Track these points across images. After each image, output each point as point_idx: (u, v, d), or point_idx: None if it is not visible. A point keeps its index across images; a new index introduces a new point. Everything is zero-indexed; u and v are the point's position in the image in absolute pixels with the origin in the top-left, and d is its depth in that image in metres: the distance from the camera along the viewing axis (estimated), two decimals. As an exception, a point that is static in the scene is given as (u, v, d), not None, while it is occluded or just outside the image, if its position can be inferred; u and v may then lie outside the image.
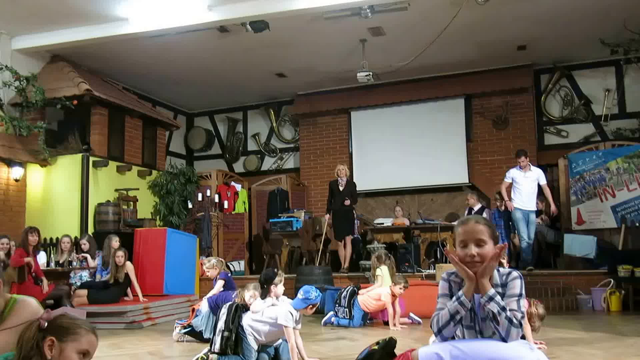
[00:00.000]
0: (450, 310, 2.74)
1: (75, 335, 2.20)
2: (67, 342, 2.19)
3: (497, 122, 13.26)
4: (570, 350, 5.66)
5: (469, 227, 2.83)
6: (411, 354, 2.76)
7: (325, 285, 9.48)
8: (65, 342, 2.19)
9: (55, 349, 2.16)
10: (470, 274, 2.74)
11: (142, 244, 10.73)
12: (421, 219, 11.83)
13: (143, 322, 8.69)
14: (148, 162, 13.14)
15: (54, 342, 2.16)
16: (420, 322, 8.00)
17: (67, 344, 2.19)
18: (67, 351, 2.19)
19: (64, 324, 2.21)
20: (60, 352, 2.17)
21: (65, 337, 2.19)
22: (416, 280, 9.62)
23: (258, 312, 5.31)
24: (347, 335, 7.15)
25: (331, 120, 14.73)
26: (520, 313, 2.67)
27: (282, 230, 12.25)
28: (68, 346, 2.19)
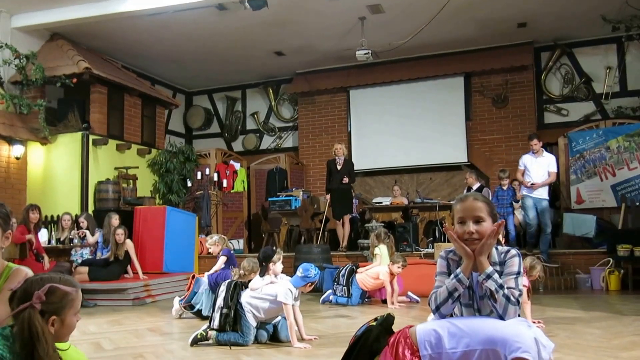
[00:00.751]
0: (448, 288, 2.73)
1: (71, 303, 2.24)
2: (67, 313, 2.22)
3: (497, 100, 13.21)
4: (569, 329, 5.68)
5: (467, 204, 2.81)
6: (409, 330, 2.75)
7: (323, 264, 9.50)
8: (65, 313, 2.22)
9: (57, 322, 2.20)
10: (469, 251, 2.73)
11: (142, 222, 10.75)
12: (420, 198, 11.83)
13: (143, 299, 8.74)
14: (147, 140, 13.11)
15: (55, 320, 2.19)
16: (419, 301, 8.03)
17: (67, 314, 2.23)
18: (68, 319, 2.23)
19: (59, 298, 2.21)
20: (62, 322, 2.21)
21: (65, 309, 2.22)
22: (414, 259, 9.64)
23: (257, 290, 5.33)
24: (346, 313, 7.18)
25: (330, 99, 14.68)
26: (518, 291, 2.66)
27: (280, 209, 12.26)
28: (67, 314, 2.23)
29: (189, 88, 16.35)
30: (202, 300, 6.94)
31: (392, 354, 2.72)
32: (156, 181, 13.12)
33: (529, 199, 9.89)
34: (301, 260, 9.12)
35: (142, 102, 12.90)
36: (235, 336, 5.17)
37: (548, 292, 9.17)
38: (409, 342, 2.70)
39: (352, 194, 11.47)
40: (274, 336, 5.35)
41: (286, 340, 5.22)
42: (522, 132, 12.87)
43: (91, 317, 7.30)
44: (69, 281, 2.28)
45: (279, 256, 5.60)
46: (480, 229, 2.75)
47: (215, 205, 13.23)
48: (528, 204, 9.90)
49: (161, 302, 8.83)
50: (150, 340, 5.63)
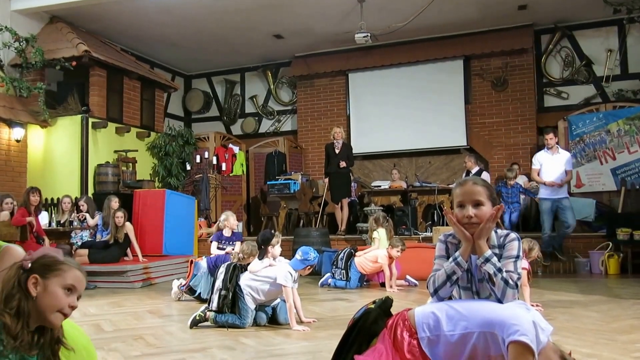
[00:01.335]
0: (447, 271, 2.73)
1: (58, 271, 2.20)
2: (50, 278, 2.17)
3: (496, 83, 13.16)
4: (567, 312, 5.70)
5: (467, 187, 2.81)
6: (407, 313, 2.76)
7: (322, 247, 9.52)
8: (49, 279, 2.17)
9: (40, 286, 2.15)
10: (467, 234, 2.73)
11: (142, 205, 10.75)
12: (418, 181, 11.83)
13: (142, 281, 8.77)
14: (146, 123, 13.09)
15: (37, 280, 2.15)
16: (417, 285, 8.05)
17: (51, 280, 2.18)
18: (52, 286, 2.17)
19: (46, 261, 2.20)
20: (45, 288, 2.16)
21: (48, 273, 2.18)
22: (413, 242, 9.65)
23: (256, 272, 5.35)
24: (344, 296, 7.20)
25: (329, 82, 14.63)
26: (516, 274, 2.67)
27: (279, 192, 12.26)
28: (52, 282, 2.18)
29: (188, 71, 16.29)
30: (201, 284, 6.96)
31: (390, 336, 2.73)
32: (155, 164, 13.11)
33: (547, 202, 9.16)
34: (300, 243, 9.13)
35: (141, 85, 12.86)
36: (233, 318, 5.19)
37: (547, 275, 9.20)
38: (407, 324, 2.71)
39: (350, 178, 11.47)
40: (273, 319, 5.36)
41: (285, 323, 5.24)
42: (521, 116, 12.85)
43: (91, 299, 7.32)
44: (69, 260, 2.27)
45: (278, 239, 5.60)
46: (479, 213, 2.74)
47: (215, 188, 13.23)
48: (545, 208, 9.21)
49: (161, 285, 8.85)
50: (150, 322, 5.65)
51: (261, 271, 5.34)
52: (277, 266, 5.37)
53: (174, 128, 13.52)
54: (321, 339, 4.68)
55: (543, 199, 9.22)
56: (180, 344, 4.60)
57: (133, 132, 12.54)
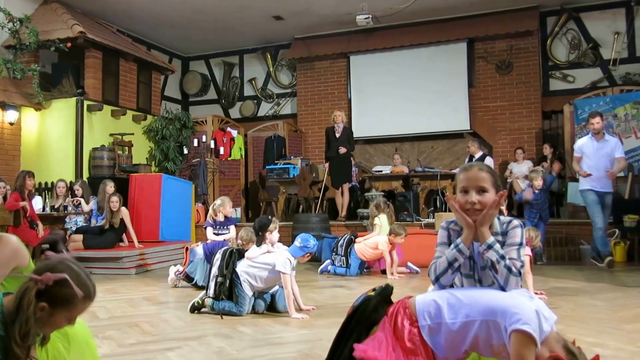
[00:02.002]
0: (448, 258, 2.72)
1: (70, 306, 2.15)
2: (59, 310, 2.13)
3: (501, 66, 13.10)
4: (572, 301, 5.69)
5: (471, 173, 2.79)
6: (408, 300, 2.75)
7: (322, 234, 9.54)
8: (58, 310, 2.13)
9: (46, 312, 2.11)
10: (470, 221, 2.71)
11: (138, 189, 10.75)
12: (421, 166, 11.81)
13: (138, 267, 8.77)
14: (143, 106, 13.05)
15: (45, 307, 2.11)
16: (418, 272, 8.05)
17: (59, 311, 2.14)
18: (57, 317, 2.15)
19: (63, 294, 2.12)
20: (50, 314, 2.12)
21: (60, 306, 2.13)
22: (415, 229, 9.65)
23: (253, 259, 5.34)
24: (344, 284, 7.21)
25: (329, 65, 14.57)
26: (519, 262, 2.65)
27: (278, 177, 12.24)
28: (59, 313, 2.14)
29: (185, 53, 16.22)
30: (197, 270, 6.96)
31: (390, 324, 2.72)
32: (152, 148, 13.09)
33: (591, 193, 8.25)
34: (299, 229, 9.12)
35: (137, 68, 12.81)
36: (230, 305, 5.18)
37: (551, 262, 9.18)
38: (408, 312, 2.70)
39: (351, 162, 11.45)
40: (272, 306, 5.36)
41: (284, 311, 5.24)
42: (526, 100, 12.80)
43: (86, 286, 7.32)
44: (87, 287, 2.19)
45: (275, 225, 5.59)
46: (482, 199, 2.73)
47: (212, 173, 13.21)
48: (591, 200, 8.27)
49: (157, 271, 8.85)
50: (146, 309, 5.65)
51: (259, 258, 5.33)
52: (275, 253, 5.37)
53: (171, 111, 13.48)
54: (320, 327, 4.68)
55: (585, 190, 8.32)
56: (176, 332, 4.60)
57: (129, 115, 12.50)
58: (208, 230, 7.61)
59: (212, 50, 15.84)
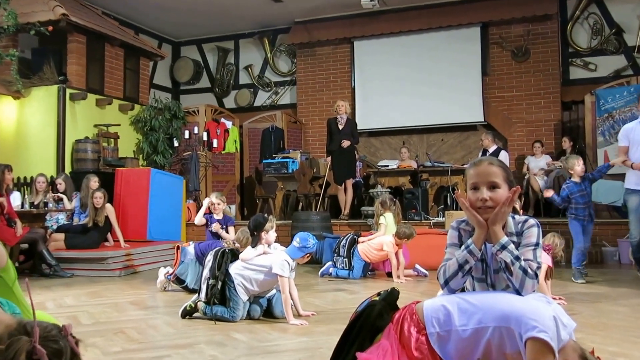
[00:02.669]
0: (459, 260, 2.72)
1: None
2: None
3: (517, 53, 13.08)
4: (592, 307, 5.69)
5: (482, 168, 2.79)
6: (415, 306, 2.75)
7: (323, 233, 9.53)
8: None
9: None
10: (481, 220, 2.71)
11: (124, 185, 10.75)
12: (430, 161, 11.80)
13: (124, 269, 8.78)
14: (130, 95, 13.04)
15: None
16: (427, 275, 8.04)
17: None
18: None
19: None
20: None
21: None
22: (423, 228, 9.66)
23: (248, 260, 5.33)
24: (346, 287, 7.21)
25: (332, 51, 14.56)
26: (536, 263, 2.65)
27: (276, 172, 12.23)
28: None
29: (176, 38, 16.21)
30: (188, 272, 6.96)
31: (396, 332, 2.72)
32: (139, 140, 13.09)
33: (635, 195, 7.24)
34: (298, 228, 9.12)
35: (124, 53, 12.79)
36: (223, 310, 5.18)
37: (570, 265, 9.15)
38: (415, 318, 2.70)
39: (355, 156, 11.44)
40: (268, 311, 5.36)
41: (281, 316, 5.24)
42: (544, 89, 12.79)
43: (68, 288, 7.34)
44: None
45: (272, 224, 5.58)
46: (494, 196, 2.72)
47: (205, 167, 13.21)
48: (633, 204, 7.26)
49: (145, 273, 8.86)
50: (133, 314, 5.65)
51: (254, 259, 5.32)
52: (272, 254, 5.36)
53: (161, 100, 13.47)
54: (320, 334, 4.68)
55: (631, 190, 7.35)
56: (165, 339, 4.60)
57: (115, 105, 12.49)
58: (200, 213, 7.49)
59: (205, 34, 15.82)
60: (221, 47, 15.84)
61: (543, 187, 10.78)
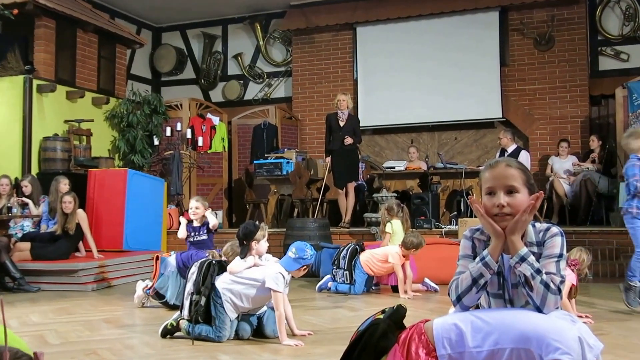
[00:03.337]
0: (473, 274, 2.72)
1: None
2: None
3: (540, 41, 13.10)
4: (623, 326, 5.69)
5: (499, 170, 2.79)
6: (424, 325, 2.75)
7: (321, 243, 9.53)
8: None
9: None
10: (498, 229, 2.71)
11: (98, 188, 10.75)
12: (442, 162, 11.80)
13: (97, 283, 8.77)
14: (105, 87, 13.05)
15: None
16: (437, 290, 8.04)
17: None
18: None
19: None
20: None
21: None
22: (434, 237, 9.66)
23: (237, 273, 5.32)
24: (347, 304, 7.21)
25: (332, 38, 14.56)
26: (559, 277, 2.64)
27: (269, 174, 12.23)
28: None
29: (157, 23, 16.21)
30: (169, 286, 6.94)
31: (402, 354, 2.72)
32: (115, 138, 13.10)
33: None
34: (293, 238, 9.12)
35: (98, 40, 12.80)
36: (208, 329, 5.17)
37: (599, 279, 9.18)
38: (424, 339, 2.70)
39: (357, 157, 11.45)
40: (259, 330, 5.36)
41: (273, 336, 5.24)
42: (570, 82, 12.79)
43: (34, 304, 7.33)
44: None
45: (264, 232, 5.58)
46: (513, 202, 2.72)
47: (189, 168, 13.21)
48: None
49: (120, 287, 8.86)
50: (106, 333, 5.64)
51: (244, 272, 5.31)
52: (265, 266, 5.35)
53: (139, 93, 13.48)
54: (318, 356, 4.68)
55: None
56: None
57: (88, 98, 12.50)
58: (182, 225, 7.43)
59: (190, 19, 15.84)
60: (207, 34, 15.84)
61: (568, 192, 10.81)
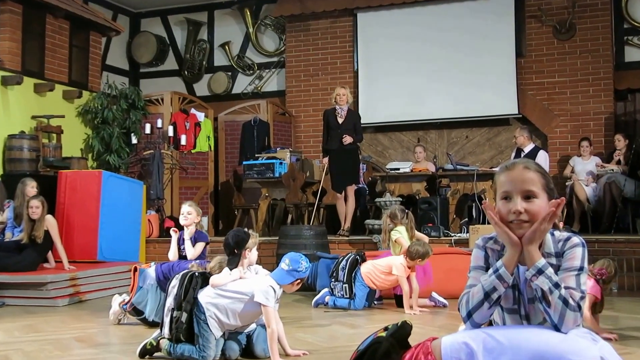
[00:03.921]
0: (485, 287, 2.72)
1: None
2: None
3: (560, 29, 13.11)
4: (651, 345, 5.70)
5: (515, 173, 2.80)
6: (431, 344, 2.76)
7: (317, 253, 9.50)
8: None
9: None
10: (514, 238, 2.71)
11: (69, 191, 10.72)
12: (451, 163, 11.80)
13: (69, 297, 8.75)
14: (77, 79, 13.05)
15: None
16: (446, 305, 8.03)
17: None
18: None
19: None
20: None
21: None
22: (442, 247, 9.66)
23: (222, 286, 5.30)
24: (346, 320, 7.20)
25: (330, 26, 14.57)
26: (579, 292, 2.65)
27: (260, 176, 12.23)
28: None
29: (135, 8, 16.21)
30: (148, 300, 6.93)
31: (407, 375, 2.73)
32: (89, 136, 13.12)
33: None
34: (287, 247, 9.13)
35: (70, 27, 12.81)
36: (191, 349, 5.16)
37: (624, 293, 9.18)
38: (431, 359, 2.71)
39: (358, 157, 11.45)
40: (248, 350, 5.35)
41: (264, 356, 5.22)
42: (593, 74, 12.79)
43: (-2, 321, 7.33)
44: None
45: (255, 240, 5.57)
46: (531, 208, 2.73)
47: (170, 170, 13.20)
48: None
49: (94, 302, 8.84)
50: (79, 353, 5.63)
51: (229, 285, 5.29)
52: (253, 278, 5.34)
53: (116, 86, 13.49)
54: (313, 378, 4.68)
55: None
56: (119, 384, 4.61)
57: (58, 91, 12.51)
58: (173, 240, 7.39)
59: (172, 4, 15.87)
60: (191, 20, 15.85)
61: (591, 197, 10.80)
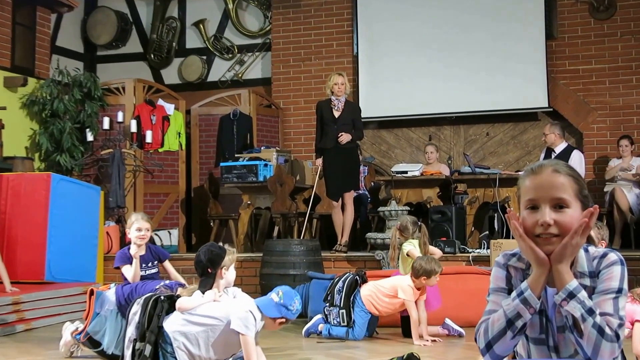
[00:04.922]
0: (507, 313, 2.73)
1: None
2: None
3: (598, 7, 13.14)
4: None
5: (543, 178, 2.79)
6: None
7: (309, 272, 9.49)
8: None
9: None
10: (541, 254, 2.71)
11: (11, 197, 10.70)
12: (469, 165, 11.82)
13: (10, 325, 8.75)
14: (21, 64, 13.07)
15: None
16: (463, 334, 8.04)
17: None
18: None
19: None
20: None
21: None
22: (457, 265, 9.67)
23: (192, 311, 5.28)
24: (344, 353, 7.21)
25: (325, 1, 14.59)
26: (617, 319, 2.65)
27: (240, 180, 12.24)
28: None
29: (91, -21, 16.26)
30: (106, 330, 6.93)
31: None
32: (35, 132, 13.11)
33: None
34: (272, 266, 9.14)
35: (13, 2, 12.81)
36: (156, 387, 5.18)
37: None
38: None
39: (358, 158, 11.45)
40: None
41: (244, 398, 5.24)
42: (637, 60, 12.82)
43: None
44: None
45: (232, 257, 5.57)
46: (561, 220, 2.73)
47: (133, 173, 13.19)
48: None
49: (41, 330, 8.84)
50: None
51: (200, 309, 5.28)
52: (230, 301, 5.34)
53: (68, 72, 13.48)
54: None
55: None
56: None
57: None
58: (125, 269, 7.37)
59: (136, -26, 15.90)
60: (159, -6, 15.91)
61: (634, 206, 10.81)
